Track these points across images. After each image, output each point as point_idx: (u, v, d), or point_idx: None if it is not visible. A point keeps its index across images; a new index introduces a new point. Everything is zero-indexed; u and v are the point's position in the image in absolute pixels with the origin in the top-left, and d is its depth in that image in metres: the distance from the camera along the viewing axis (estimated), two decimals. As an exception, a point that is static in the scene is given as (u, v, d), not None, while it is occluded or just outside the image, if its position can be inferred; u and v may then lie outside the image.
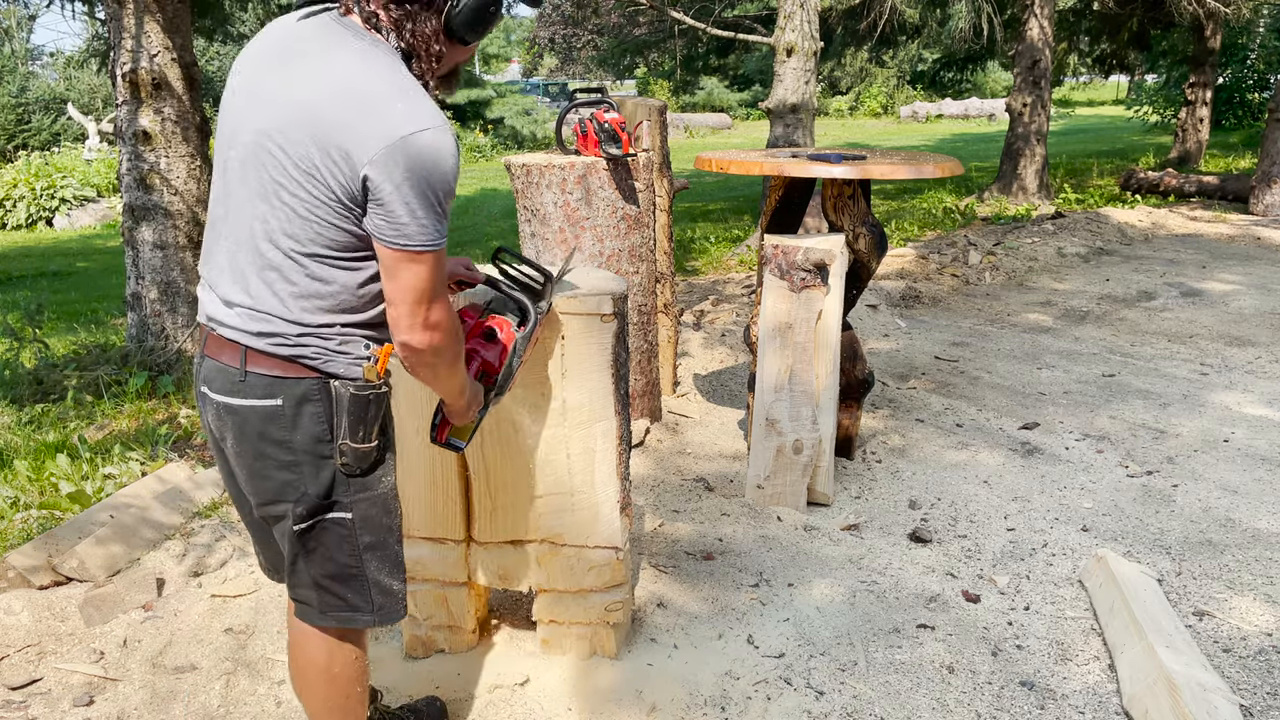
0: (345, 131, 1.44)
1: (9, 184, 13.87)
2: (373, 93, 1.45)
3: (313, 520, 1.64)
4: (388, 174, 1.43)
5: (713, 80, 30.90)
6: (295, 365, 1.57)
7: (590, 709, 2.20)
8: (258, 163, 1.51)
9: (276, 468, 1.61)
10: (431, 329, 1.54)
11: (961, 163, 3.24)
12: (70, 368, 4.79)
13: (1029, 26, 10.02)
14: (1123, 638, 2.38)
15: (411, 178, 1.44)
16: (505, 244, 2.10)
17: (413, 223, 1.46)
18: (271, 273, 1.54)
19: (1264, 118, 11.09)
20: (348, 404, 1.59)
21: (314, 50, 1.51)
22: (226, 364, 1.58)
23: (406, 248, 1.47)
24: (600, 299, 2.12)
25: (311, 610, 1.73)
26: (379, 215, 1.47)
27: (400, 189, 1.44)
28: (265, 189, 1.51)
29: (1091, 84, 39.07)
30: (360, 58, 1.49)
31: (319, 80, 1.47)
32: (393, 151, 1.42)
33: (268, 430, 1.58)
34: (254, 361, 1.57)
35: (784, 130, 7.65)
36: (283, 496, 1.63)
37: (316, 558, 1.68)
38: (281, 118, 1.48)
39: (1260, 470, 3.52)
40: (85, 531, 2.91)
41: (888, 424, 4.05)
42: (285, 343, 1.56)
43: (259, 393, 1.57)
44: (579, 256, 3.54)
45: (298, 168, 1.48)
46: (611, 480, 2.23)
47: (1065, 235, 8.21)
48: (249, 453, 1.61)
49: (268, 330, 1.55)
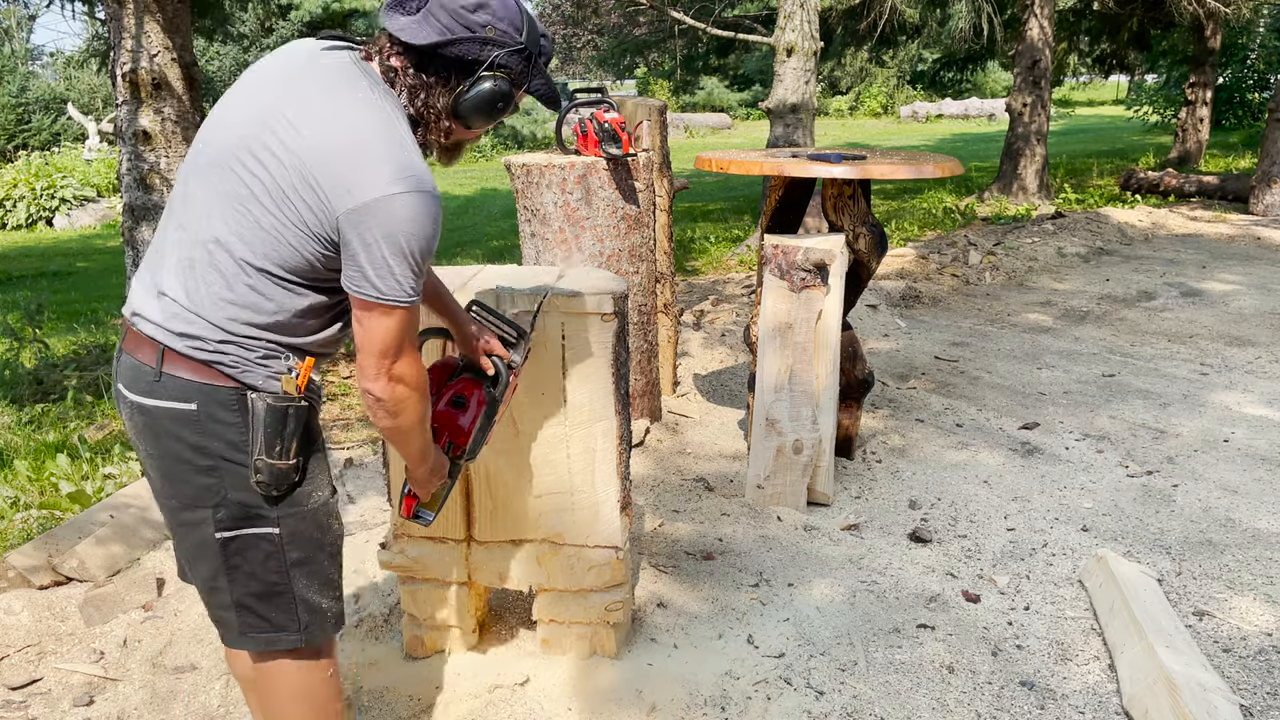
0: (330, 176, 1.43)
1: (9, 184, 13.88)
2: (367, 146, 1.45)
3: (236, 530, 1.56)
4: (362, 228, 1.43)
5: (713, 80, 30.90)
6: (212, 371, 1.52)
7: (590, 709, 2.20)
8: (232, 167, 1.49)
9: (194, 472, 1.54)
10: (395, 381, 1.52)
11: (961, 163, 3.24)
12: (70, 368, 4.79)
13: (1029, 26, 10.02)
14: (1123, 638, 2.38)
15: (387, 235, 1.43)
16: (505, 245, 2.09)
17: (381, 278, 1.44)
18: (213, 273, 1.50)
19: (1264, 118, 11.09)
20: (263, 416, 1.53)
21: (326, 84, 1.51)
22: (142, 361, 1.53)
23: (376, 300, 1.45)
24: (600, 298, 2.12)
25: (230, 633, 1.64)
26: (350, 265, 1.46)
27: (374, 245, 1.43)
28: (234, 193, 1.49)
29: (1091, 84, 39.07)
30: (366, 108, 1.48)
31: (320, 117, 1.47)
32: (370, 208, 1.42)
33: (182, 434, 1.52)
34: (170, 362, 1.51)
35: (784, 130, 7.66)
36: (201, 501, 1.55)
37: (240, 575, 1.59)
38: (271, 136, 1.47)
39: (1260, 470, 3.52)
40: (85, 531, 2.91)
41: (888, 424, 4.05)
42: (204, 347, 1.51)
43: (173, 395, 1.51)
44: (579, 257, 3.54)
45: (276, 186, 1.46)
46: (612, 480, 2.23)
47: (1065, 235, 8.22)
48: (163, 454, 1.54)
49: (189, 332, 1.50)
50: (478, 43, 1.53)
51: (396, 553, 2.32)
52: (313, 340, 1.60)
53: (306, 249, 1.49)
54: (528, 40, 1.57)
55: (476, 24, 1.52)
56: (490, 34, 1.53)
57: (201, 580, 1.62)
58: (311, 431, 1.63)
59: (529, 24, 1.58)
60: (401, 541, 2.31)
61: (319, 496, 1.64)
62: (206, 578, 1.61)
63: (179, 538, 1.63)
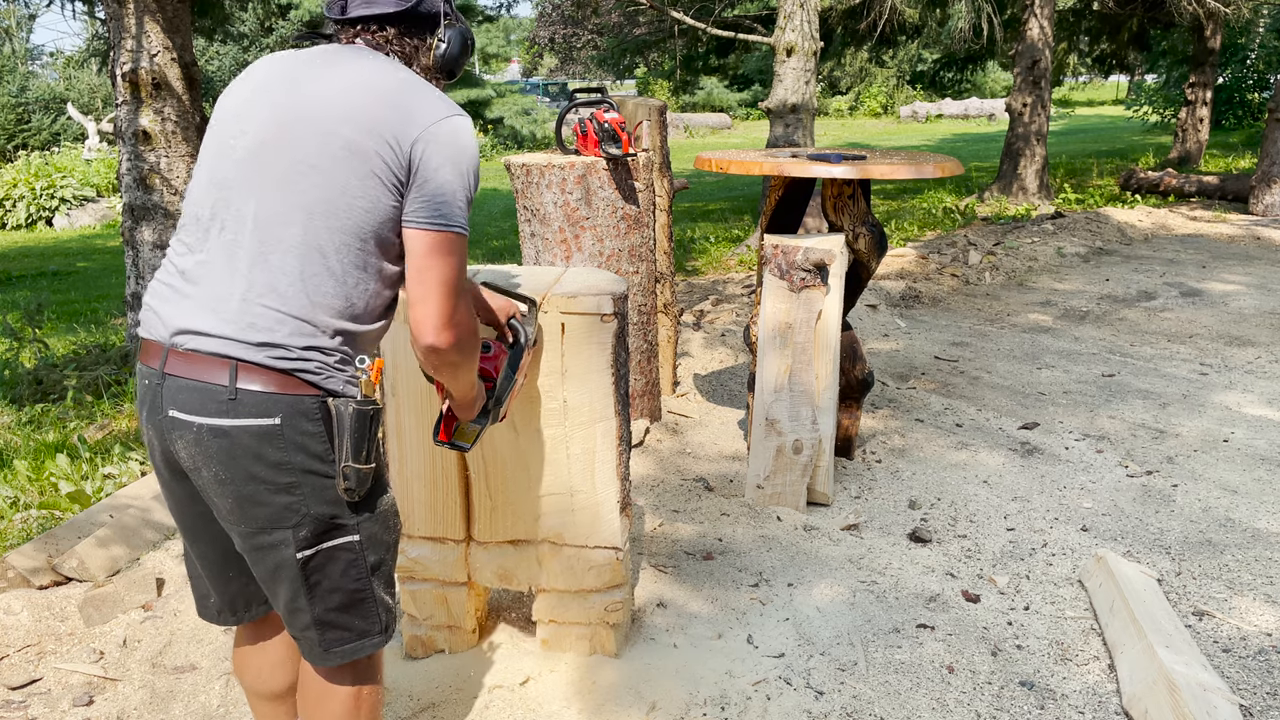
0: (388, 116, 1.47)
1: (9, 184, 13.87)
2: (405, 88, 1.51)
3: (316, 545, 1.53)
4: (433, 151, 1.47)
5: (713, 80, 30.88)
6: (294, 380, 1.46)
7: (590, 708, 2.20)
8: (285, 156, 1.47)
9: (273, 491, 1.48)
10: (457, 326, 1.52)
11: (961, 163, 3.24)
12: (70, 368, 4.79)
13: (1029, 26, 10.02)
14: (1122, 638, 2.38)
15: (452, 157, 1.49)
16: (505, 245, 2.12)
17: (452, 203, 1.48)
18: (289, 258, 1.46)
19: (1264, 118, 11.09)
20: (350, 422, 1.49)
21: (333, 63, 1.55)
22: (209, 382, 1.44)
23: (446, 228, 1.48)
24: (600, 299, 2.12)
25: (312, 651, 1.61)
26: (420, 198, 1.48)
27: (442, 169, 1.48)
28: (291, 172, 1.46)
29: (1091, 84, 39.08)
30: (382, 65, 1.56)
31: (349, 81, 1.51)
32: (436, 132, 1.48)
33: (264, 452, 1.45)
34: (246, 377, 1.44)
35: (784, 130, 7.66)
36: (281, 522, 1.50)
37: (321, 590, 1.55)
38: (311, 106, 1.48)
39: (1260, 470, 3.53)
40: (85, 531, 2.91)
41: (888, 424, 4.05)
42: (287, 355, 1.45)
43: (254, 411, 1.44)
44: (579, 257, 3.54)
45: (337, 147, 1.46)
46: (612, 480, 2.23)
47: (1065, 235, 8.22)
48: (239, 478, 1.46)
49: (271, 340, 1.45)
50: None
51: (396, 553, 2.32)
52: (375, 329, 1.59)
53: (381, 204, 1.49)
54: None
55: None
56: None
57: (283, 603, 1.58)
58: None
59: None
60: (401, 541, 2.31)
61: (387, 496, 1.64)
62: (288, 600, 1.56)
63: (254, 562, 1.56)
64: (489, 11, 21.58)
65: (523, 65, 45.61)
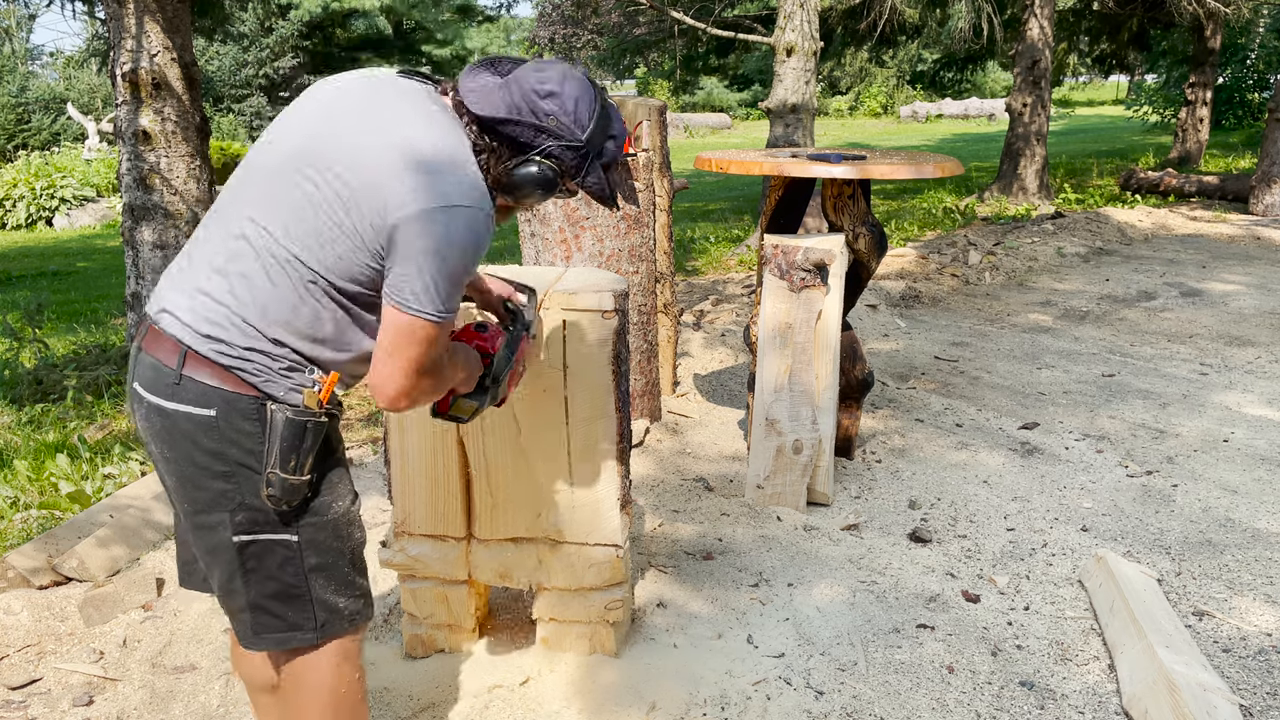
0: (392, 182, 1.44)
1: (9, 184, 13.87)
2: (434, 159, 1.47)
3: (253, 534, 1.54)
4: (414, 234, 1.43)
5: (713, 80, 30.90)
6: (233, 377, 1.49)
7: (590, 708, 2.20)
8: (294, 174, 1.50)
9: (210, 477, 1.51)
10: (413, 398, 1.53)
11: (961, 163, 3.25)
12: (70, 368, 4.79)
13: (1029, 26, 10.02)
14: (1122, 638, 2.38)
15: (438, 246, 1.44)
16: (505, 245, 2.12)
17: (424, 290, 1.44)
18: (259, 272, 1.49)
19: (1264, 118, 11.09)
20: (281, 429, 1.50)
21: (401, 101, 1.54)
22: (162, 362, 1.50)
23: (415, 312, 1.45)
24: (601, 296, 2.12)
25: (245, 632, 1.61)
26: (394, 273, 1.46)
27: (421, 255, 1.44)
28: (293, 199, 1.49)
29: (1091, 84, 39.09)
30: (438, 125, 1.51)
31: (392, 128, 1.49)
32: (429, 215, 1.43)
33: (200, 439, 1.50)
34: (192, 365, 1.48)
35: (784, 130, 7.66)
36: (217, 506, 1.52)
37: (256, 577, 1.56)
38: (338, 145, 1.49)
39: (1260, 470, 3.53)
40: (85, 531, 2.91)
41: (888, 424, 4.05)
42: (228, 352, 1.48)
43: (193, 399, 1.48)
44: (579, 257, 3.54)
45: (336, 194, 1.47)
46: (612, 477, 2.23)
47: (1065, 235, 8.22)
48: (180, 458, 1.51)
49: (216, 335, 1.48)
50: (533, 129, 1.55)
51: (396, 551, 2.32)
52: (346, 358, 1.58)
53: (357, 260, 1.49)
54: (589, 139, 1.59)
55: (542, 111, 1.55)
56: (550, 124, 1.56)
57: (218, 583, 1.60)
58: (331, 442, 1.62)
59: (597, 124, 1.60)
60: (401, 540, 2.32)
61: (339, 506, 1.62)
62: (223, 580, 1.58)
63: (195, 540, 1.59)
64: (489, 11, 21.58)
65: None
